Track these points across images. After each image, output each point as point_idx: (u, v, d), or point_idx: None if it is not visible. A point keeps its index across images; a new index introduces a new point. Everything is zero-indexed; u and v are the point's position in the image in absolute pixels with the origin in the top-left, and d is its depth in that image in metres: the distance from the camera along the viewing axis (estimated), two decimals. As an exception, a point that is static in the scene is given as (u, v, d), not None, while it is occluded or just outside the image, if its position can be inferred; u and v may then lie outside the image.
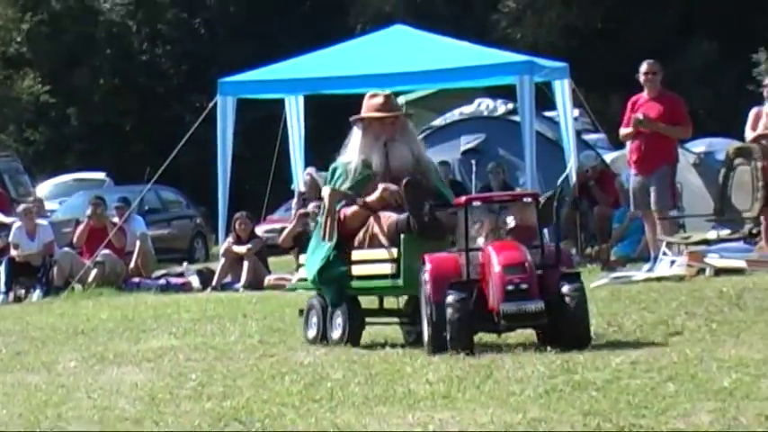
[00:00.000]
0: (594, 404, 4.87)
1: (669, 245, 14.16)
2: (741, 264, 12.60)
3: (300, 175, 17.83)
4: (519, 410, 4.86)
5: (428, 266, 7.02)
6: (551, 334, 6.84)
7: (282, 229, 17.27)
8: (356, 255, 7.72)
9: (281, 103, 18.98)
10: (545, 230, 7.78)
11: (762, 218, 12.95)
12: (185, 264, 19.22)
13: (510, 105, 19.11)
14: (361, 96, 20.48)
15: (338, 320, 7.64)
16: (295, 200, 17.51)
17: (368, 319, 8.03)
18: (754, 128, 13.56)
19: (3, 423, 6.76)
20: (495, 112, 19.64)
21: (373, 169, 7.88)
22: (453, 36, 20.04)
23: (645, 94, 13.39)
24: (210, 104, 17.28)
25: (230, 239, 16.22)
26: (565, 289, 6.68)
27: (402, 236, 7.43)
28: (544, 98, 18.37)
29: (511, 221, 7.22)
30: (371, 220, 7.66)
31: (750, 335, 7.92)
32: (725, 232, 14.15)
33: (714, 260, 12.29)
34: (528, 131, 16.89)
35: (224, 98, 16.77)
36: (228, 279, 15.80)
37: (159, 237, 21.85)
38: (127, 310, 12.74)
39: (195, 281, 16.14)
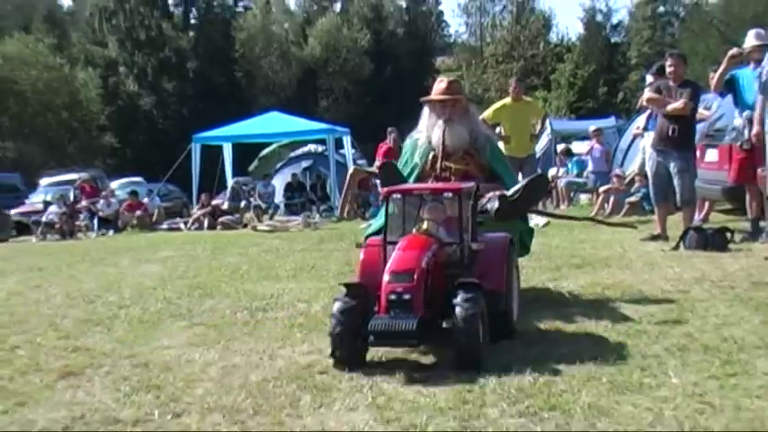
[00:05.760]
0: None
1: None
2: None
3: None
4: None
5: (361, 256, 5.37)
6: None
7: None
8: None
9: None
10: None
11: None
12: None
13: (321, 148, 24.24)
14: (257, 145, 28.36)
15: None
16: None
17: None
18: None
19: (90, 289, 8.76)
20: (318, 151, 24.67)
21: (432, 146, 6.69)
22: (301, 116, 26.31)
23: None
24: None
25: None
26: (457, 299, 4.49)
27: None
28: (340, 144, 23.92)
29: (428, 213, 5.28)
30: None
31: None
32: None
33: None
34: (332, 160, 22.41)
35: None
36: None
37: None
38: None
39: None
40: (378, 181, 9.86)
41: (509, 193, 6.09)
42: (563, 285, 7.29)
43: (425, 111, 6.90)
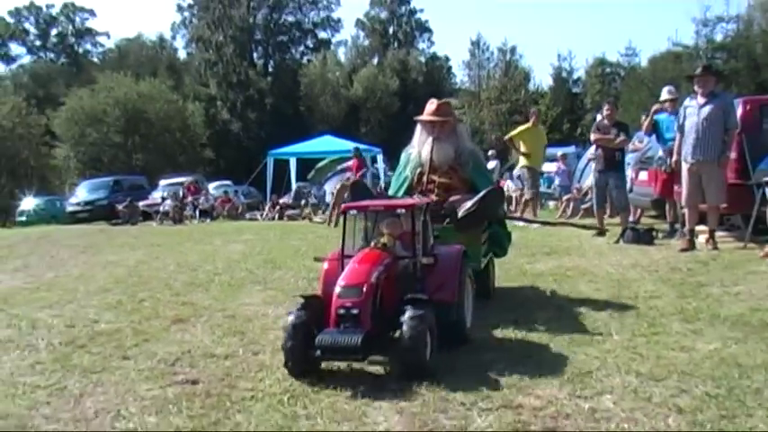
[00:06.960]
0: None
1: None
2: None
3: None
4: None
5: (324, 267, 4.11)
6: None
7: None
8: None
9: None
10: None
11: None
12: None
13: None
14: (314, 159, 24.71)
15: None
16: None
17: None
18: None
19: (193, 261, 8.65)
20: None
21: (421, 160, 5.67)
22: (346, 139, 25.14)
23: None
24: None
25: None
26: (405, 316, 3.48)
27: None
28: (375, 160, 23.11)
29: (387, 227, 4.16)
30: None
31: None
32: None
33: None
34: (369, 172, 19.69)
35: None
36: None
37: None
38: None
39: None
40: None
41: (467, 205, 5.16)
42: (536, 267, 7.21)
43: (418, 128, 5.89)
